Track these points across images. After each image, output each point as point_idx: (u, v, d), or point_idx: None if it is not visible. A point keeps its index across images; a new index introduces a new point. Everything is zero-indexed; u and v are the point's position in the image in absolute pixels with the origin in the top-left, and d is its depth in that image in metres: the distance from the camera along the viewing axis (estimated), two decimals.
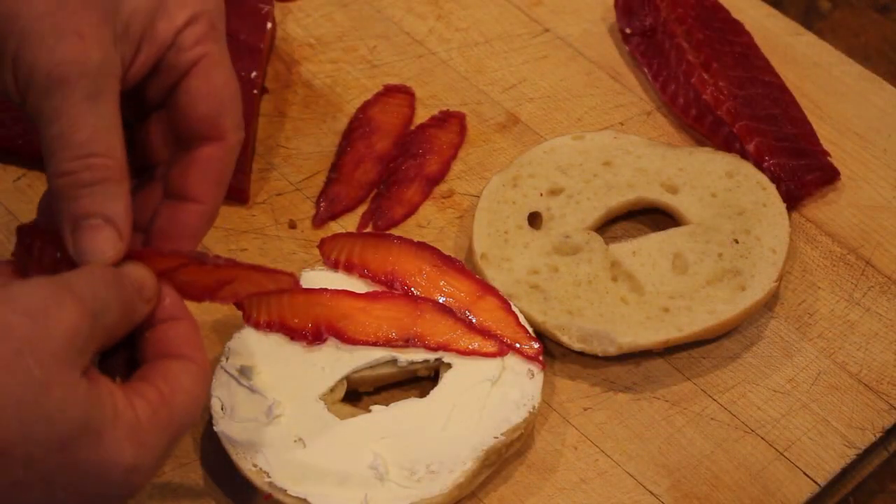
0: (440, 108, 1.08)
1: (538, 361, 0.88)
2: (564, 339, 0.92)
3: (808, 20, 1.21)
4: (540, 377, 0.88)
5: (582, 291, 0.93)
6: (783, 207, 0.98)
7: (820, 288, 0.97)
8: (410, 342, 0.88)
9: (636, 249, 0.96)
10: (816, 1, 1.23)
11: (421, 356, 0.89)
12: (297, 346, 0.88)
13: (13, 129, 1.03)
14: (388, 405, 0.87)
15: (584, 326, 0.91)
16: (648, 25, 1.10)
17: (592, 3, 1.16)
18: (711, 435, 0.90)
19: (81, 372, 0.68)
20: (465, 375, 0.88)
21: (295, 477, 0.83)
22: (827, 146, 1.04)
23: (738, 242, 0.96)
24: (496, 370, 0.88)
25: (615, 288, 0.94)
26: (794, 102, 1.07)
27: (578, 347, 0.92)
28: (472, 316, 0.90)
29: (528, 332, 0.90)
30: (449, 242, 1.00)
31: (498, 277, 0.94)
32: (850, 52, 1.13)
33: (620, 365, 0.93)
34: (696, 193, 0.98)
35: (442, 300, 0.90)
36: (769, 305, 0.96)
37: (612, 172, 1.00)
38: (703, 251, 0.95)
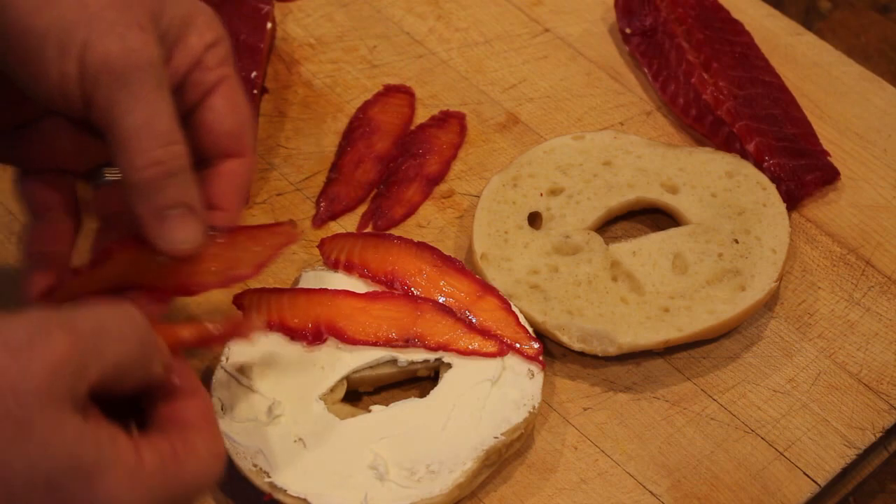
0: (440, 108, 1.08)
1: (538, 361, 0.88)
2: (564, 339, 0.92)
3: (808, 20, 1.21)
4: (540, 377, 0.88)
5: (582, 291, 0.93)
6: (783, 207, 0.98)
7: (820, 288, 0.97)
8: (410, 342, 0.88)
9: (636, 249, 0.96)
10: (816, 1, 1.23)
11: (421, 356, 0.89)
12: (296, 346, 0.88)
13: None
14: (388, 405, 0.87)
15: (584, 326, 0.91)
16: (648, 25, 1.10)
17: (592, 3, 1.16)
18: (711, 435, 0.90)
19: (73, 407, 0.65)
20: (465, 375, 0.88)
21: (295, 477, 0.83)
22: (827, 146, 1.04)
23: (738, 242, 0.96)
24: (496, 370, 0.88)
25: (615, 288, 0.94)
26: (794, 102, 1.07)
27: (578, 347, 0.92)
28: (472, 316, 0.90)
29: (528, 332, 0.90)
30: (449, 242, 1.00)
31: (498, 277, 0.94)
32: (850, 52, 1.13)
33: (620, 365, 0.93)
34: (696, 193, 0.98)
35: (442, 300, 0.90)
36: (769, 305, 0.96)
37: (612, 172, 1.00)
38: (703, 251, 0.95)
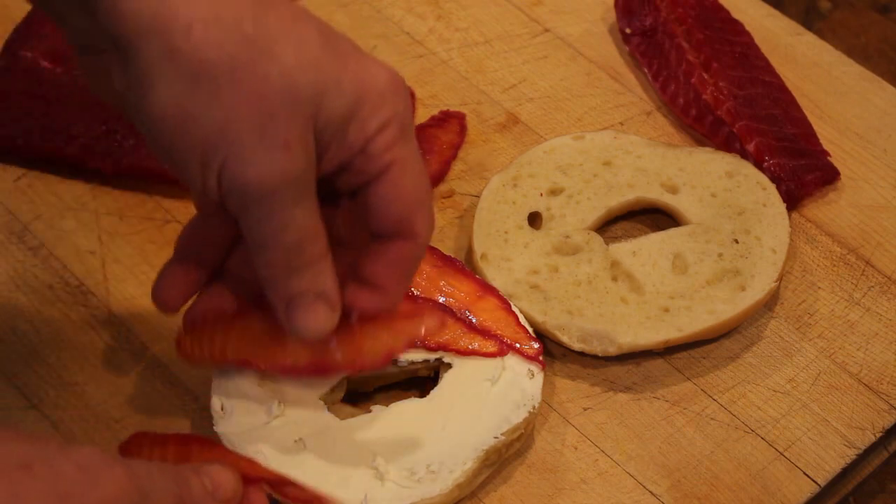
0: (440, 108, 1.08)
1: (538, 361, 0.88)
2: (564, 339, 0.92)
3: (808, 20, 1.21)
4: (540, 377, 0.88)
5: (582, 291, 0.93)
6: (783, 207, 0.98)
7: (820, 288, 0.97)
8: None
9: (636, 249, 0.96)
10: (816, 1, 1.23)
11: (421, 356, 0.89)
12: None
13: (13, 129, 1.03)
14: (388, 405, 0.87)
15: (584, 326, 0.91)
16: (648, 25, 1.10)
17: (592, 3, 1.15)
18: (711, 435, 0.90)
19: None
20: (465, 375, 0.88)
21: (295, 477, 0.83)
22: (827, 146, 1.04)
23: (738, 242, 0.96)
24: (496, 370, 0.87)
25: (615, 288, 0.94)
26: (794, 102, 1.07)
27: (578, 347, 0.92)
28: (472, 316, 0.90)
29: (528, 332, 0.90)
30: (449, 242, 1.00)
31: (498, 277, 0.94)
32: (850, 52, 1.13)
33: (620, 365, 0.93)
34: (696, 193, 0.98)
35: (442, 300, 0.90)
36: (769, 305, 0.96)
37: (612, 172, 1.00)
38: (703, 251, 0.95)
